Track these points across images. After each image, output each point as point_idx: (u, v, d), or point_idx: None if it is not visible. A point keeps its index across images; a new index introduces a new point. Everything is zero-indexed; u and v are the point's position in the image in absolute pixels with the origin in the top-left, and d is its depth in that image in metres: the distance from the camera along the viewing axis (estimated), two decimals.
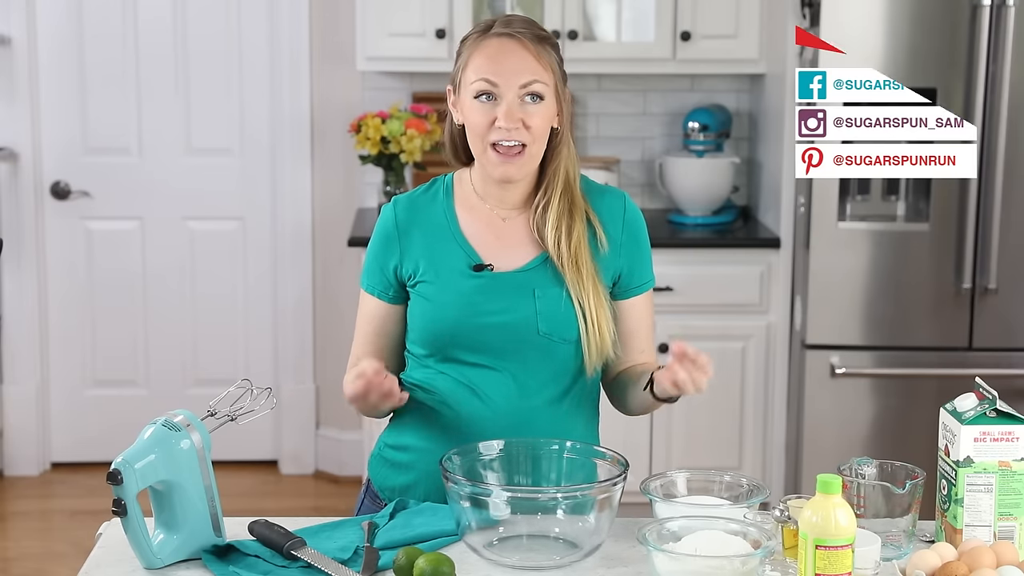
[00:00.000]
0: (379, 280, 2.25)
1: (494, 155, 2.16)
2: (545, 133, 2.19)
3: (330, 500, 4.73)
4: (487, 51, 2.16)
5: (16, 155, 4.74)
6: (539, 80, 2.16)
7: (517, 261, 2.22)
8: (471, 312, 2.18)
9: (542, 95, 2.16)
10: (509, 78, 2.15)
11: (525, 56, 2.16)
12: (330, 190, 4.82)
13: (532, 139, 2.16)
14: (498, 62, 2.15)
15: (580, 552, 1.94)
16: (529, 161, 2.18)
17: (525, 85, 2.15)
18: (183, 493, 1.94)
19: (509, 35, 2.16)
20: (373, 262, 2.26)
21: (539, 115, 2.16)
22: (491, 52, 2.16)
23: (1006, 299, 4.01)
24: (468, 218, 2.24)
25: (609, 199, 2.27)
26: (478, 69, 2.16)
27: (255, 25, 4.76)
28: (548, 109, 2.18)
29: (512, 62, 2.15)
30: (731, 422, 4.34)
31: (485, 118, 2.15)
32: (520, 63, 2.15)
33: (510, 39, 2.16)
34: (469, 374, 2.19)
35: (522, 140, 2.15)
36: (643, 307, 2.28)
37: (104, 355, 4.91)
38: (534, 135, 2.16)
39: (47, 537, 4.44)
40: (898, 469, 2.03)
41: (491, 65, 2.15)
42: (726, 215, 4.55)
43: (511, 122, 2.14)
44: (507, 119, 2.14)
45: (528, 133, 2.15)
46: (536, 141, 2.17)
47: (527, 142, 2.16)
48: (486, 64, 2.16)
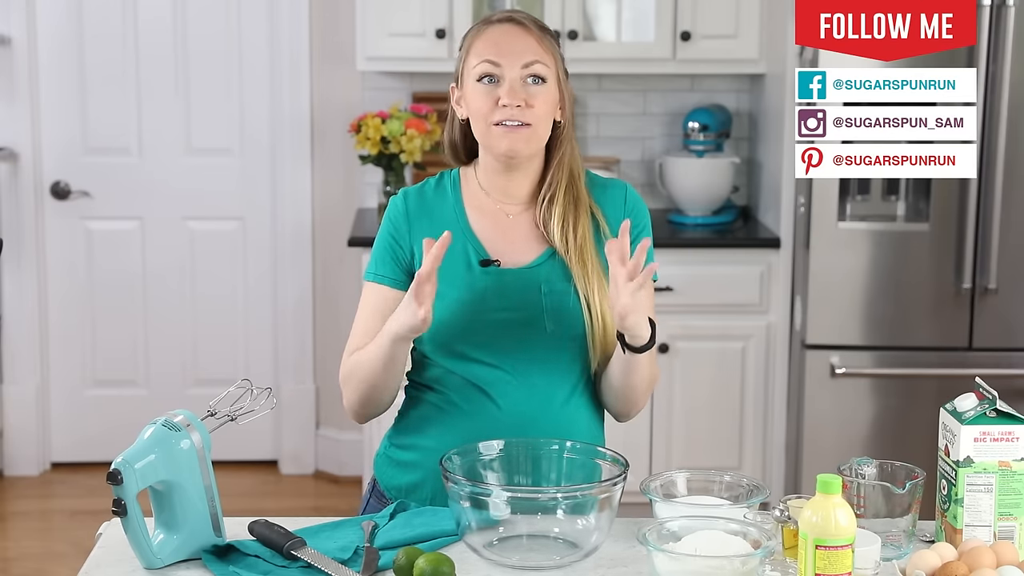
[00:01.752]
0: (390, 268, 2.22)
1: (498, 129, 2.16)
2: (548, 117, 2.19)
3: (330, 500, 4.73)
4: (490, 36, 2.19)
5: (16, 155, 4.74)
6: (541, 62, 2.17)
7: (524, 257, 2.22)
8: (479, 308, 2.18)
9: (544, 77, 2.17)
10: (512, 58, 2.16)
11: (527, 39, 2.17)
12: (330, 190, 4.82)
13: (536, 119, 2.16)
14: (500, 44, 2.17)
15: (580, 552, 1.94)
16: (534, 138, 2.18)
17: (528, 65, 2.16)
18: (183, 493, 1.94)
19: (511, 20, 2.19)
20: (384, 251, 2.24)
21: (542, 97, 2.17)
22: (494, 36, 2.18)
23: (1006, 299, 4.01)
24: (476, 214, 2.24)
25: (612, 191, 2.28)
26: (480, 53, 2.18)
27: (255, 25, 4.76)
28: (551, 94, 2.18)
29: (515, 44, 2.17)
30: (731, 422, 4.34)
31: (488, 99, 2.16)
32: (523, 44, 2.17)
33: (512, 24, 2.19)
34: (476, 371, 2.19)
35: (525, 119, 2.15)
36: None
37: (104, 355, 4.91)
38: (537, 115, 2.16)
39: (47, 537, 4.44)
40: (898, 469, 2.03)
41: (493, 47, 2.17)
42: (726, 215, 4.56)
43: (514, 99, 2.14)
44: (510, 96, 2.14)
45: (531, 113, 2.16)
46: (540, 122, 2.17)
47: (531, 121, 2.16)
48: (488, 47, 2.18)
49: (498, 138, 2.17)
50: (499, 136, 2.17)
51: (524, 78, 2.16)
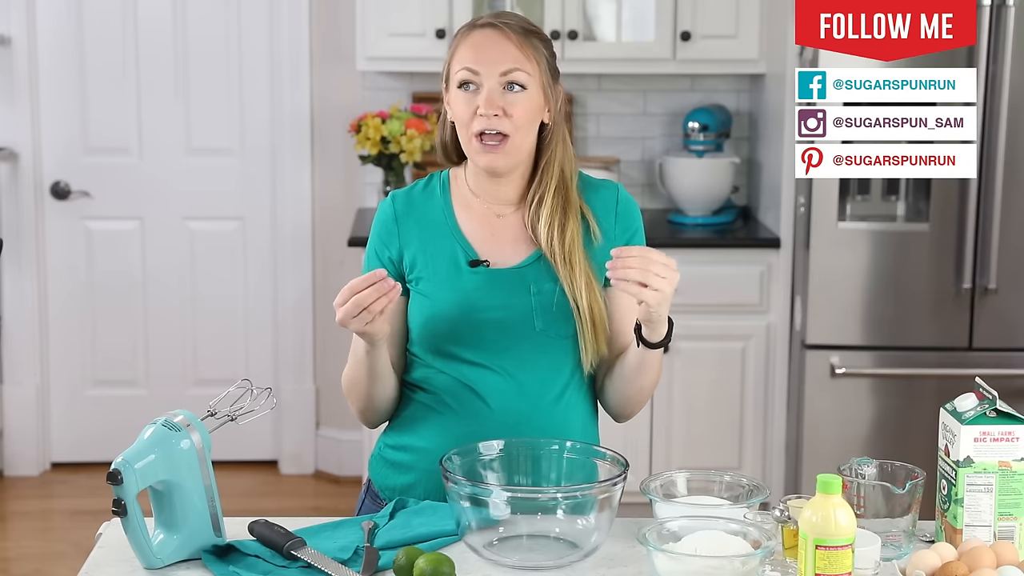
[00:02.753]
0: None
1: (478, 144, 2.17)
2: (529, 123, 2.18)
3: (330, 500, 4.73)
4: (471, 41, 2.19)
5: (16, 155, 4.74)
6: (520, 69, 2.16)
7: (513, 258, 2.22)
8: (468, 308, 2.18)
9: (524, 85, 2.17)
10: (489, 66, 2.16)
11: (507, 45, 2.17)
12: (330, 190, 4.82)
13: (514, 128, 2.16)
14: (480, 50, 2.17)
15: (580, 552, 1.94)
16: (513, 151, 2.18)
17: (505, 73, 2.16)
18: (183, 493, 1.94)
19: (493, 25, 2.18)
20: (373, 256, 2.26)
21: (521, 105, 2.16)
22: (474, 42, 2.18)
23: (1006, 299, 4.01)
24: (465, 215, 2.25)
25: (603, 192, 2.28)
26: (461, 59, 2.18)
27: (255, 25, 4.76)
28: (532, 100, 2.17)
29: (493, 51, 2.16)
30: (731, 422, 4.34)
31: (468, 107, 2.16)
32: (501, 52, 2.16)
33: (493, 29, 2.18)
34: (467, 372, 2.19)
35: (503, 129, 2.15)
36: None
37: (104, 355, 4.91)
38: (516, 124, 2.16)
39: (47, 537, 4.44)
40: (898, 469, 2.03)
41: (473, 54, 2.17)
42: (726, 215, 4.55)
43: (491, 108, 2.14)
44: (487, 105, 2.14)
45: (509, 122, 2.15)
46: (519, 131, 2.17)
47: (508, 131, 2.16)
48: (468, 53, 2.18)
49: (477, 154, 2.18)
50: (477, 152, 2.18)
51: (503, 85, 2.16)
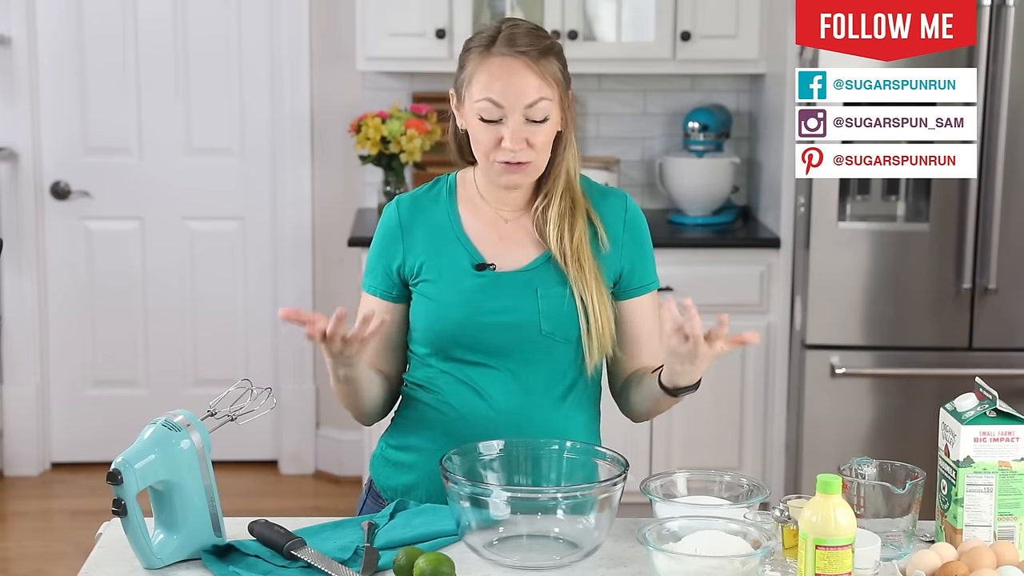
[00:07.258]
0: (381, 280, 2.24)
1: (500, 167, 2.17)
2: (549, 145, 2.19)
3: (330, 500, 4.73)
4: (491, 70, 2.14)
5: (16, 155, 4.74)
6: (544, 98, 2.14)
7: (520, 261, 2.22)
8: (474, 311, 2.18)
9: (548, 115, 2.15)
10: (514, 100, 2.13)
11: (528, 77, 2.14)
12: (330, 190, 4.82)
13: (537, 154, 2.17)
14: (503, 81, 2.13)
15: (580, 552, 1.94)
16: (534, 171, 2.19)
17: (531, 105, 2.13)
18: (183, 493, 1.94)
19: (513, 51, 2.14)
20: (376, 262, 2.26)
21: (544, 132, 2.16)
22: (494, 71, 2.14)
23: (1006, 299, 4.01)
24: (471, 218, 2.25)
25: (611, 200, 2.28)
26: (483, 88, 2.14)
27: (255, 25, 4.76)
28: (553, 124, 2.17)
29: (515, 84, 2.13)
30: (731, 422, 4.34)
31: (491, 137, 2.15)
32: (523, 84, 2.13)
33: (514, 59, 2.14)
34: (471, 373, 2.19)
35: (526, 159, 2.15)
36: (648, 309, 2.28)
37: (104, 355, 4.91)
38: (538, 151, 2.16)
39: (47, 537, 4.44)
40: (898, 469, 2.03)
41: (495, 85, 2.13)
42: (726, 215, 4.55)
43: (517, 144, 2.14)
44: (513, 140, 2.13)
45: (532, 151, 2.16)
46: (540, 154, 2.17)
47: (532, 159, 2.16)
48: (491, 84, 2.14)
49: (498, 174, 2.18)
50: (499, 172, 2.17)
51: (527, 118, 2.14)
